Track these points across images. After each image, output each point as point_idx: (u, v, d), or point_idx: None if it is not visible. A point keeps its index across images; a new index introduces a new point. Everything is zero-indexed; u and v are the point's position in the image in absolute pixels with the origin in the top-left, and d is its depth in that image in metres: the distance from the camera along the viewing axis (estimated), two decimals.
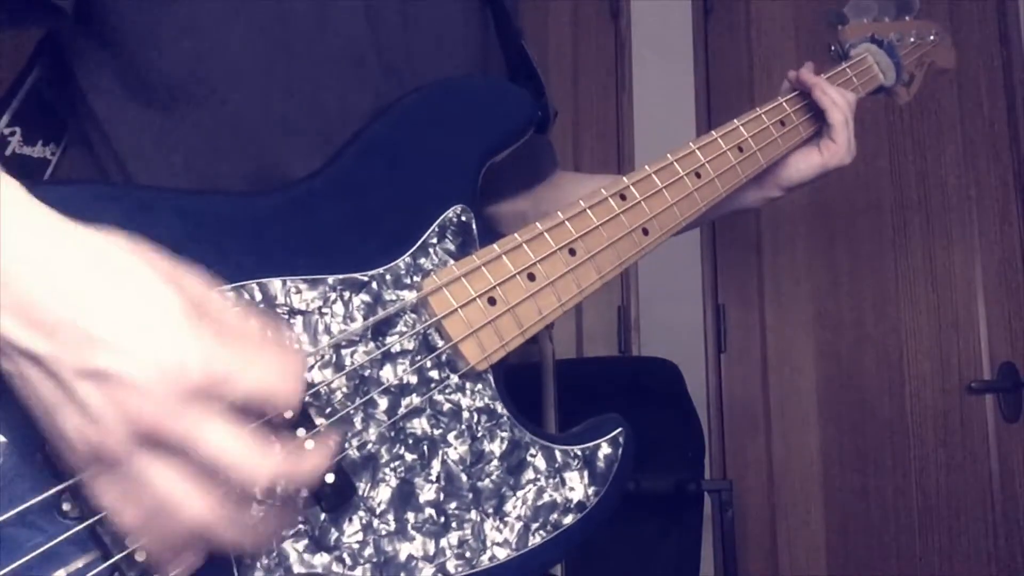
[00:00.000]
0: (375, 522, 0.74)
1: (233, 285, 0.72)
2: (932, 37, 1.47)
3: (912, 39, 1.43)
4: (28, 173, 0.87)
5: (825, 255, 2.76)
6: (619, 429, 0.87)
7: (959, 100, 2.80)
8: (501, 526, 0.79)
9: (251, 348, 0.60)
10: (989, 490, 2.63)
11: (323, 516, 0.72)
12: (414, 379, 0.79)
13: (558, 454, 0.84)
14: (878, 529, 2.63)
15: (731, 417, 2.72)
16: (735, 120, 1.12)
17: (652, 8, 2.87)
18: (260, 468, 0.58)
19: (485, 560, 0.78)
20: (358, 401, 0.75)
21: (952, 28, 2.79)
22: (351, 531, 0.73)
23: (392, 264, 0.81)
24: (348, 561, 0.72)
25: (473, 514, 0.78)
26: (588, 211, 0.92)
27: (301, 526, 0.71)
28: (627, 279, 2.70)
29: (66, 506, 0.62)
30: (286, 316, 0.75)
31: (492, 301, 0.83)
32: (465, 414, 0.81)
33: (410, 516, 0.75)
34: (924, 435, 2.66)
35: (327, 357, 0.75)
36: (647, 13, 2.86)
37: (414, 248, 0.82)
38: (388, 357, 0.78)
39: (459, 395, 0.81)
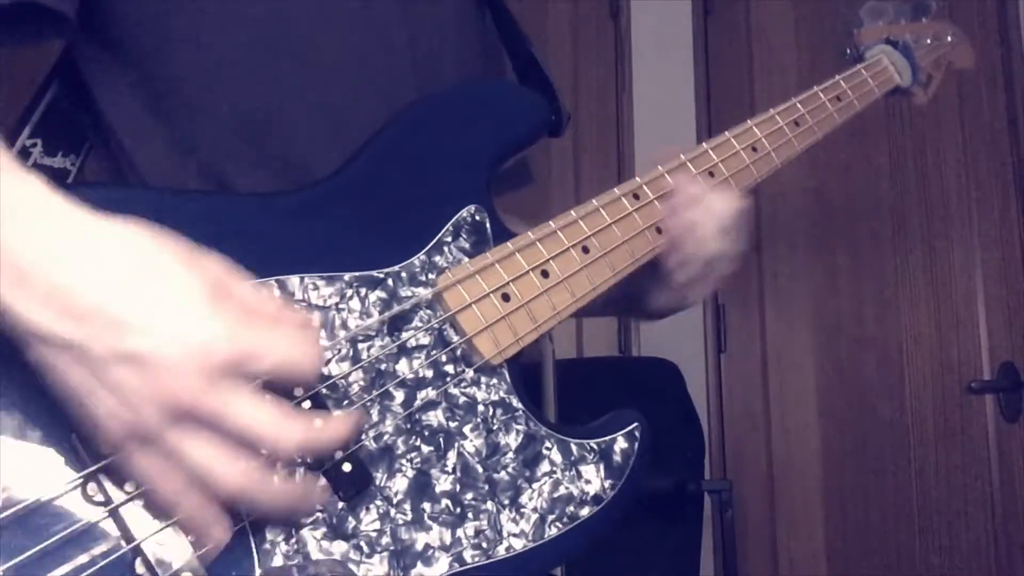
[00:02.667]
0: (392, 511, 0.75)
1: (253, 282, 0.74)
2: (950, 38, 1.47)
3: (929, 40, 1.42)
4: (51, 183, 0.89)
5: (825, 255, 2.77)
6: (635, 424, 0.88)
7: (959, 100, 2.80)
8: (517, 517, 0.80)
9: (270, 324, 0.64)
10: (989, 490, 2.64)
11: (341, 505, 0.73)
12: (430, 373, 0.80)
13: (574, 447, 0.85)
14: (878, 529, 2.64)
15: (731, 417, 2.73)
16: (748, 120, 1.12)
17: (652, 8, 2.88)
18: (288, 433, 0.62)
19: (502, 550, 0.78)
20: (374, 393, 0.77)
21: None
22: (368, 520, 0.74)
23: (407, 262, 0.82)
24: (366, 549, 0.73)
25: (489, 505, 0.79)
26: (601, 210, 0.93)
27: (320, 514, 0.72)
28: None
29: (91, 491, 0.63)
30: (304, 311, 0.76)
31: (506, 297, 0.85)
32: (480, 407, 0.82)
33: (427, 506, 0.76)
34: (924, 435, 2.67)
35: (344, 351, 0.76)
36: (647, 13, 2.87)
37: (429, 246, 0.84)
38: (404, 351, 0.79)
39: (474, 389, 0.82)
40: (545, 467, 0.83)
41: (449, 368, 0.81)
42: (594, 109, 2.84)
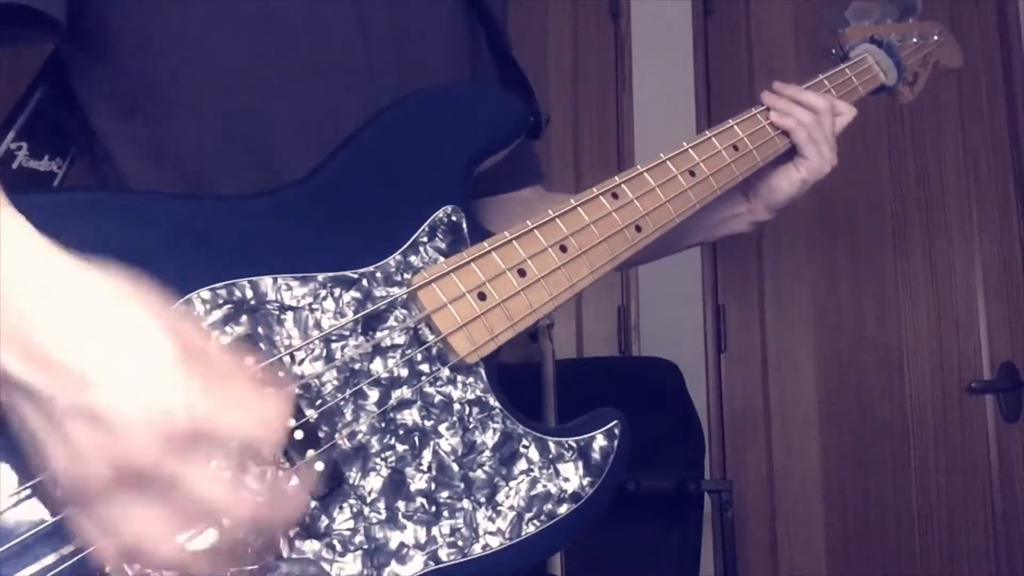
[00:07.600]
0: (366, 510, 0.75)
1: (224, 283, 0.74)
2: (936, 37, 1.48)
3: (915, 39, 1.43)
4: (35, 186, 0.90)
5: (825, 255, 2.76)
6: (615, 421, 0.88)
7: (959, 100, 2.80)
8: (494, 515, 0.80)
9: (237, 395, 0.61)
10: (989, 490, 2.64)
11: (313, 504, 0.73)
12: (404, 372, 0.80)
13: (552, 445, 0.85)
14: (878, 529, 2.63)
15: (731, 417, 2.72)
16: (729, 120, 1.14)
17: (652, 8, 2.87)
18: (237, 511, 0.60)
19: (478, 549, 0.78)
20: (348, 392, 0.77)
21: (952, 29, 2.80)
22: (342, 519, 0.74)
23: (383, 262, 0.82)
24: (339, 548, 0.73)
25: (465, 503, 0.79)
26: (579, 209, 0.94)
27: None
28: (627, 279, 2.71)
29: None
30: (277, 312, 0.76)
31: (482, 296, 0.85)
32: (456, 406, 0.82)
33: (401, 505, 0.76)
34: (924, 435, 2.67)
35: (317, 351, 0.76)
36: (647, 13, 2.87)
37: (404, 247, 0.84)
38: (379, 351, 0.79)
39: (450, 387, 0.82)
40: (522, 465, 0.83)
41: (424, 367, 0.81)
42: (594, 109, 2.84)
